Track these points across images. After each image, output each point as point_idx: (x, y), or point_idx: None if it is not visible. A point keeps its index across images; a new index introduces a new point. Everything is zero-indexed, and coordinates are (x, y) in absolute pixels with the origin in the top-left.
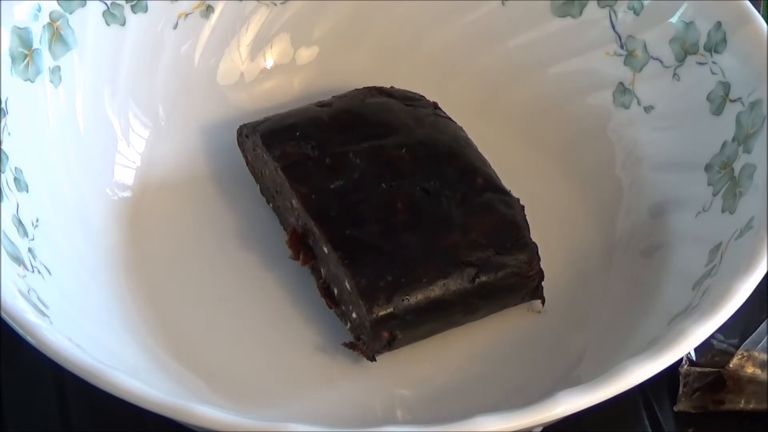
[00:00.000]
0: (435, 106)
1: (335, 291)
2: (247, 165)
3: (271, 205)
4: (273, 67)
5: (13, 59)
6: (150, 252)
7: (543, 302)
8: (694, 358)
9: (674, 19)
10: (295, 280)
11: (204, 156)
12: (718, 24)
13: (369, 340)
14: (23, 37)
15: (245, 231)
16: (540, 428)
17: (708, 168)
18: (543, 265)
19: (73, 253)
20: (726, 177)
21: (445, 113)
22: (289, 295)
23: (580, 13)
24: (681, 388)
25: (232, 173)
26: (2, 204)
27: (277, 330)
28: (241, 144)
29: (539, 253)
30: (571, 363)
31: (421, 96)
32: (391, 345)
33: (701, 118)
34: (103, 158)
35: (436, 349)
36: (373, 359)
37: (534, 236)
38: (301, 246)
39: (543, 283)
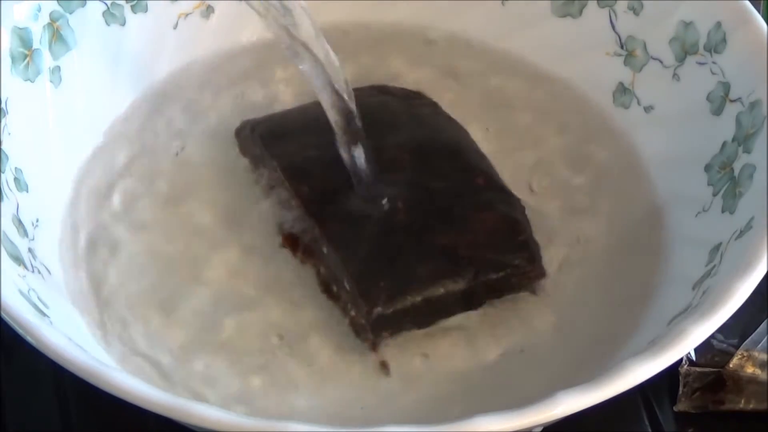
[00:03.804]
0: (435, 105)
1: (335, 289)
2: (246, 163)
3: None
4: None
5: (13, 59)
6: (150, 251)
7: (534, 292)
8: (694, 358)
9: (674, 19)
10: (294, 277)
11: (204, 156)
12: (718, 24)
13: (369, 340)
14: (23, 37)
15: (245, 230)
16: (540, 428)
17: (708, 168)
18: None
19: (73, 254)
20: (726, 177)
21: (445, 112)
22: (288, 294)
23: (580, 13)
24: (681, 388)
25: (231, 173)
26: (2, 204)
27: (276, 329)
28: (240, 144)
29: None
30: (570, 363)
31: (422, 94)
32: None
33: (701, 118)
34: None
35: (436, 348)
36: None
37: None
38: (296, 247)
39: (542, 283)
